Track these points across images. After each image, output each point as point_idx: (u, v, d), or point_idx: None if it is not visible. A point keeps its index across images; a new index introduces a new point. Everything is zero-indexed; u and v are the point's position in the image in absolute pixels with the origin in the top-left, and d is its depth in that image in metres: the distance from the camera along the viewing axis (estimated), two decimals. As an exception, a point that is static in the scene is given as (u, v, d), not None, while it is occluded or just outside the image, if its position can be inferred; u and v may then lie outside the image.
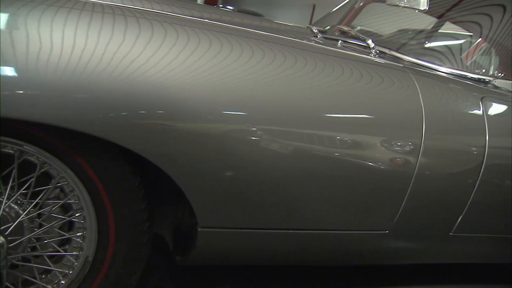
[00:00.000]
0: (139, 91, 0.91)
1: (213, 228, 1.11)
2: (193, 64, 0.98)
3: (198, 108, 0.96)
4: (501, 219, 1.50)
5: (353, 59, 1.27)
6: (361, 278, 1.91)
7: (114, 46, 0.91)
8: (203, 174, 1.03)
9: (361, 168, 1.16)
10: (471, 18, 1.83)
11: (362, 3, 2.24)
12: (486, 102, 1.36)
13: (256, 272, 1.74)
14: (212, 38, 1.06)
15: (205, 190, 1.05)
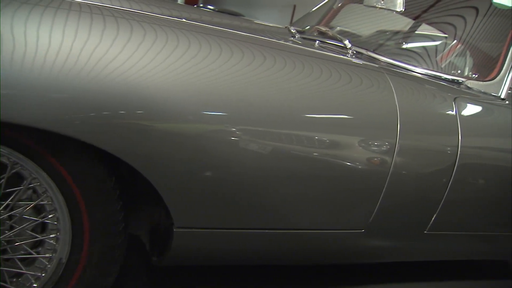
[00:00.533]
0: (115, 91, 0.90)
1: (190, 229, 1.11)
2: (172, 64, 0.97)
3: (178, 108, 0.96)
4: (474, 217, 1.54)
5: (330, 60, 1.28)
6: (346, 276, 1.93)
7: (91, 45, 0.90)
8: (180, 175, 1.02)
9: (337, 168, 1.17)
10: (446, 19, 1.86)
11: (340, 4, 2.26)
12: (459, 103, 1.39)
13: (234, 272, 1.74)
14: (191, 38, 1.06)
15: (182, 190, 1.05)
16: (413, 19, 1.97)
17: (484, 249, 1.76)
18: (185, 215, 1.09)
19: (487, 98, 1.53)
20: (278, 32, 1.82)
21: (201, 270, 1.68)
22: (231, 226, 1.15)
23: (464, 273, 2.32)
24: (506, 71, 1.58)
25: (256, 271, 1.81)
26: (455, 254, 1.76)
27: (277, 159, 1.09)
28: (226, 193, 1.09)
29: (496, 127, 1.49)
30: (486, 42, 1.70)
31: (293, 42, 1.55)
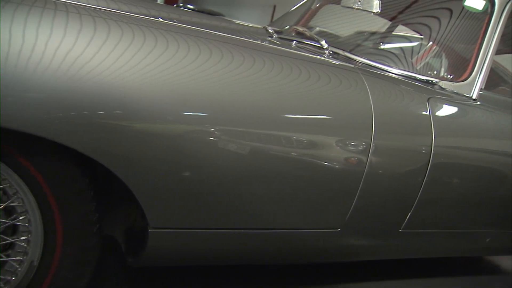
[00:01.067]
0: (90, 91, 0.89)
1: (165, 229, 1.10)
2: (149, 64, 0.97)
3: (155, 108, 0.96)
4: (447, 215, 1.57)
5: (306, 60, 1.29)
6: (328, 274, 1.94)
7: (68, 45, 0.89)
8: (155, 175, 1.02)
9: (313, 168, 1.18)
10: (420, 21, 1.89)
11: (318, 4, 2.28)
12: (432, 103, 1.41)
13: (211, 272, 1.73)
14: (169, 38, 1.05)
15: (157, 191, 1.04)
16: (389, 20, 2.00)
17: (458, 246, 1.80)
18: (160, 216, 1.08)
19: (459, 99, 1.56)
20: (256, 32, 1.82)
21: (178, 271, 1.67)
22: (207, 226, 1.15)
23: (439, 270, 2.37)
24: (477, 72, 1.61)
25: (234, 271, 1.80)
26: (430, 251, 1.79)
27: (253, 159, 1.09)
28: (203, 194, 1.09)
29: (468, 127, 1.52)
30: (459, 44, 1.74)
31: (270, 42, 1.55)
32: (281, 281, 1.84)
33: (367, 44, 1.94)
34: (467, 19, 1.71)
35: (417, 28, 1.94)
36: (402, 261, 2.21)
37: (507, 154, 1.60)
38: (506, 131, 1.63)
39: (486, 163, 1.54)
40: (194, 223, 1.13)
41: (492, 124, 1.61)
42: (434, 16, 1.81)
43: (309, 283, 1.87)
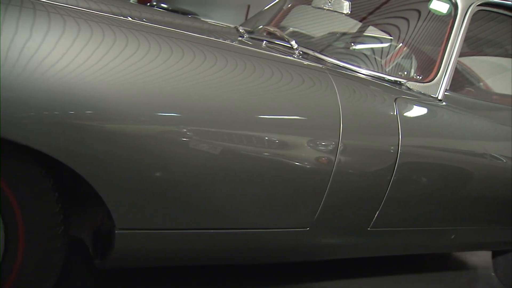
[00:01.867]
0: (57, 91, 0.87)
1: (132, 230, 1.08)
2: (119, 65, 0.96)
3: (124, 109, 0.95)
4: (414, 213, 1.60)
5: (275, 60, 1.29)
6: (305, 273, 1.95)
7: (35, 44, 0.87)
8: (123, 176, 1.00)
9: (281, 167, 1.18)
10: (389, 22, 1.93)
11: (290, 4, 2.29)
12: (399, 103, 1.44)
13: (181, 272, 1.72)
14: (140, 38, 1.04)
15: (124, 191, 1.02)
16: (359, 21, 2.03)
17: (425, 243, 1.84)
18: (128, 217, 1.06)
19: (425, 99, 1.60)
20: (227, 32, 1.82)
21: (147, 272, 1.65)
22: (177, 227, 1.14)
23: (408, 267, 2.42)
24: (442, 74, 1.65)
25: (205, 271, 1.80)
26: (398, 249, 1.82)
27: (223, 159, 1.09)
28: (172, 194, 1.08)
29: (433, 127, 1.55)
30: (426, 46, 1.77)
31: (241, 43, 1.55)
32: (254, 280, 1.84)
33: (337, 44, 1.96)
34: (433, 21, 1.75)
35: (385, 30, 1.97)
36: (371, 259, 2.25)
37: (472, 153, 1.64)
38: (471, 131, 1.68)
39: (451, 162, 1.58)
40: (163, 224, 1.12)
41: (457, 124, 1.64)
42: (402, 18, 1.85)
43: (281, 282, 1.88)
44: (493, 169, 1.72)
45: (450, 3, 1.71)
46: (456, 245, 2.05)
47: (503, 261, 2.30)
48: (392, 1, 1.92)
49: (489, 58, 2.42)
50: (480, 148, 1.67)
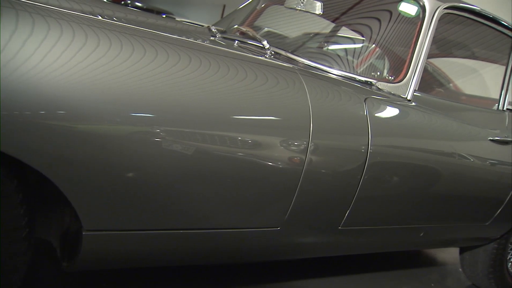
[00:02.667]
0: (25, 91, 0.85)
1: (100, 231, 1.07)
2: (90, 65, 0.94)
3: (99, 109, 0.94)
4: (384, 212, 1.62)
5: (246, 60, 1.28)
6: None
7: (2, 43, 0.84)
8: (91, 177, 0.98)
9: (252, 167, 1.18)
10: (360, 24, 1.96)
11: (263, 5, 2.30)
12: (369, 103, 1.46)
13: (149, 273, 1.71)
14: (112, 38, 1.02)
15: (90, 192, 1.00)
16: (331, 22, 2.05)
17: (395, 241, 1.87)
18: (96, 218, 1.04)
19: (395, 99, 1.62)
20: (200, 32, 1.81)
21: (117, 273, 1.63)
22: (146, 227, 1.13)
23: (380, 265, 2.46)
24: (411, 74, 1.68)
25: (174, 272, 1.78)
26: (369, 247, 1.85)
27: (193, 159, 1.08)
28: (141, 195, 1.06)
29: (402, 126, 1.58)
30: (395, 47, 1.81)
31: (213, 42, 1.55)
32: (228, 280, 1.84)
33: (309, 45, 1.97)
34: (403, 23, 1.78)
35: (357, 31, 2.00)
36: (342, 258, 2.28)
37: (440, 153, 1.67)
38: (439, 130, 1.71)
39: (420, 162, 1.60)
40: (132, 225, 1.10)
41: (426, 124, 1.67)
42: (373, 20, 1.88)
43: (253, 282, 1.88)
44: (461, 168, 1.76)
45: (418, 6, 1.74)
46: (425, 243, 2.09)
47: (469, 257, 2.37)
48: (364, 3, 1.95)
49: (460, 60, 2.48)
50: (448, 148, 1.70)
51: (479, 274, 2.34)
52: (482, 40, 2.14)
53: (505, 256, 2.29)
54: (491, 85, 2.33)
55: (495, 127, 1.98)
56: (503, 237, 2.22)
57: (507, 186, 1.94)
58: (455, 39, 2.11)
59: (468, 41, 2.16)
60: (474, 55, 2.38)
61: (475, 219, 2.01)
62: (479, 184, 1.87)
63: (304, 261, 2.16)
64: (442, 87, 2.39)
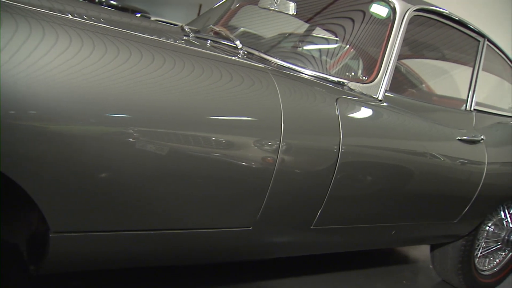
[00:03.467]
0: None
1: (68, 233, 1.05)
2: (61, 64, 0.93)
3: (71, 110, 0.93)
4: (356, 211, 1.64)
5: (217, 60, 1.28)
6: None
7: None
8: (59, 178, 0.96)
9: (223, 167, 1.18)
10: (333, 24, 1.98)
11: (238, 4, 2.30)
12: (341, 103, 1.47)
13: (121, 275, 1.69)
14: (84, 37, 1.01)
15: (60, 194, 0.99)
16: (304, 22, 2.07)
17: (366, 240, 1.89)
18: (63, 219, 1.03)
19: (366, 99, 1.64)
20: (174, 32, 1.80)
21: (87, 276, 1.61)
22: (116, 228, 1.11)
23: (353, 263, 2.49)
24: (382, 75, 1.71)
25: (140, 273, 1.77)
26: (342, 246, 1.87)
27: (163, 159, 1.07)
28: (110, 195, 1.05)
29: (373, 126, 1.60)
30: (367, 47, 1.83)
31: (187, 42, 1.54)
32: (200, 280, 1.83)
33: (282, 45, 1.98)
34: (374, 24, 1.81)
35: (329, 31, 2.02)
36: (317, 257, 2.30)
37: (410, 152, 1.71)
38: (410, 130, 1.74)
39: (391, 161, 1.63)
40: (102, 226, 1.09)
41: (397, 124, 1.70)
42: (346, 21, 1.90)
43: (227, 282, 1.88)
44: (430, 167, 1.80)
45: (389, 8, 1.77)
46: (397, 241, 2.13)
47: (439, 254, 2.42)
48: (337, 4, 1.97)
49: (432, 61, 2.54)
50: (417, 147, 1.74)
51: (448, 270, 2.40)
52: (451, 42, 2.20)
53: (472, 252, 2.35)
54: (461, 86, 2.38)
55: (463, 127, 2.03)
56: (471, 234, 2.28)
57: (474, 184, 2.00)
58: (426, 41, 2.16)
59: (438, 43, 2.22)
60: (444, 57, 2.44)
61: (444, 217, 2.06)
62: (448, 183, 1.92)
63: (278, 260, 2.17)
64: (415, 88, 2.44)
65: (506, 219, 2.48)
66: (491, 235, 2.45)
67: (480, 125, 2.17)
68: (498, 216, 2.46)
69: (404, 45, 1.90)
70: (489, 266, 2.57)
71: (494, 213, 2.43)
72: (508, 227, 2.49)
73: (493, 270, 2.56)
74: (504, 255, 2.59)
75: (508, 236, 2.43)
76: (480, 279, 2.46)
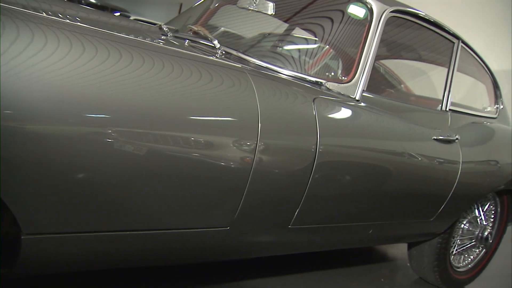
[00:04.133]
0: None
1: (40, 235, 1.03)
2: (37, 64, 0.91)
3: (49, 110, 0.92)
4: (333, 210, 1.65)
5: (194, 59, 1.28)
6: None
7: None
8: (31, 179, 0.95)
9: (200, 167, 1.17)
10: (312, 24, 1.99)
11: (217, 4, 2.29)
12: (318, 103, 1.48)
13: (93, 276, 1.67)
14: (61, 36, 0.99)
15: (32, 195, 0.97)
16: (283, 22, 2.08)
17: (344, 239, 1.91)
18: (35, 221, 1.01)
19: (343, 99, 1.66)
20: (153, 31, 1.79)
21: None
22: (89, 229, 1.10)
23: (332, 262, 2.51)
24: (359, 75, 1.72)
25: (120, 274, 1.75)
26: (320, 245, 1.88)
27: (140, 160, 1.06)
28: (85, 196, 1.04)
29: (350, 126, 1.61)
30: (345, 48, 1.85)
31: (164, 42, 1.53)
32: (180, 280, 1.82)
33: (260, 45, 1.98)
34: (352, 25, 1.83)
35: (308, 32, 2.03)
36: (296, 256, 2.31)
37: (387, 152, 1.72)
38: (386, 130, 1.76)
39: (368, 161, 1.64)
40: (76, 227, 1.07)
41: (374, 124, 1.72)
42: (324, 21, 1.91)
43: (206, 282, 1.87)
44: (407, 166, 1.82)
45: (366, 9, 1.79)
46: (374, 239, 2.15)
47: (416, 252, 2.46)
48: (315, 4, 1.98)
49: (412, 62, 2.58)
50: (394, 147, 1.76)
51: (425, 268, 2.44)
52: (427, 43, 2.23)
53: (448, 250, 2.40)
54: (438, 87, 2.42)
55: (438, 127, 2.07)
56: (446, 231, 2.32)
57: (449, 183, 2.03)
58: (403, 42, 2.19)
59: (415, 44, 2.25)
60: (421, 58, 2.47)
61: (420, 216, 2.09)
62: (424, 182, 1.95)
63: (256, 260, 2.17)
64: (393, 88, 2.47)
65: (480, 216, 2.54)
66: (466, 233, 2.51)
67: (455, 125, 2.21)
68: (473, 214, 2.52)
69: (382, 45, 1.93)
70: (464, 263, 2.62)
71: (468, 211, 2.48)
72: (482, 224, 2.54)
73: (467, 266, 2.62)
74: (478, 252, 2.65)
75: (481, 233, 2.49)
76: (455, 275, 2.51)
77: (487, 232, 2.49)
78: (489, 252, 2.65)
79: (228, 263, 2.09)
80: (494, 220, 2.64)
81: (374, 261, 2.80)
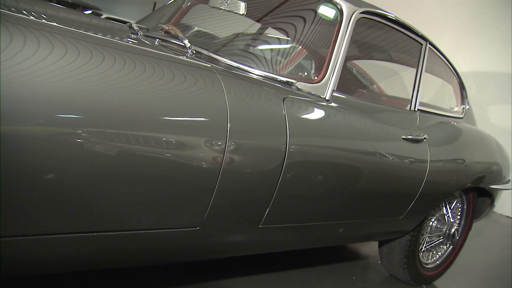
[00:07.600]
0: None
1: (16, 237, 1.00)
2: (15, 65, 0.90)
3: (20, 110, 0.90)
4: (303, 209, 1.66)
5: (163, 59, 1.26)
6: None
7: None
8: (6, 180, 0.93)
9: (169, 167, 1.17)
10: (283, 23, 2.00)
11: (189, 3, 2.28)
12: (288, 103, 1.49)
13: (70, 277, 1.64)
14: (28, 35, 0.97)
15: (6, 196, 0.95)
16: (255, 21, 2.08)
17: (315, 238, 1.93)
18: (9, 223, 0.98)
19: (313, 99, 1.67)
20: (123, 30, 1.76)
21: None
22: (63, 231, 1.08)
23: (305, 260, 2.52)
24: (329, 75, 1.74)
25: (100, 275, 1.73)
26: (291, 244, 1.89)
27: (107, 160, 1.05)
28: (58, 197, 1.02)
29: (320, 126, 1.62)
30: (316, 47, 1.86)
31: (135, 41, 1.51)
32: (151, 280, 1.81)
33: (231, 45, 1.98)
34: (322, 25, 1.84)
35: (278, 31, 2.04)
36: (268, 256, 2.32)
37: (357, 151, 1.75)
38: (356, 130, 1.78)
39: (338, 160, 1.66)
40: (50, 228, 1.05)
41: (344, 124, 1.74)
42: (295, 21, 1.92)
43: (178, 282, 1.86)
44: (376, 165, 1.85)
45: (336, 9, 1.81)
46: (345, 238, 2.18)
47: (387, 250, 2.50)
48: (287, 4, 1.99)
49: (385, 63, 2.62)
50: (364, 146, 1.78)
51: (395, 265, 2.48)
52: (397, 45, 2.27)
53: (417, 247, 2.45)
54: (410, 87, 2.47)
55: (407, 126, 2.11)
56: (415, 229, 2.37)
57: (418, 182, 2.07)
58: (374, 43, 2.22)
59: (385, 45, 2.28)
60: (392, 59, 2.52)
61: (390, 214, 2.13)
62: (393, 181, 1.98)
63: (229, 260, 2.17)
64: (365, 88, 2.51)
65: (448, 214, 2.61)
66: (434, 230, 2.57)
67: (424, 124, 2.26)
68: (441, 212, 2.58)
69: (353, 46, 1.95)
70: (432, 259, 2.69)
71: (437, 209, 2.54)
72: (449, 221, 2.61)
73: (435, 263, 2.69)
74: (445, 249, 2.72)
75: (449, 230, 2.55)
76: (424, 272, 2.57)
77: (454, 229, 2.55)
78: (456, 248, 2.72)
79: (198, 263, 2.08)
80: (460, 217, 2.72)
81: (346, 260, 2.83)
